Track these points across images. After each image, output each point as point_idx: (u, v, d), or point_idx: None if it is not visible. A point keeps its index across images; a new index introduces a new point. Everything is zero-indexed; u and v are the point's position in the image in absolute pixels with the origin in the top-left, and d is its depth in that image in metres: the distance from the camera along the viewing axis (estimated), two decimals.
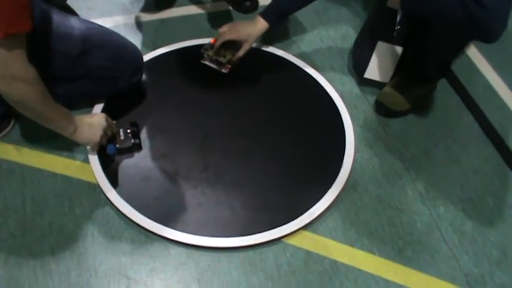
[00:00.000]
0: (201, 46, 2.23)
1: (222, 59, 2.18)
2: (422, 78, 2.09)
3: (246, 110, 2.08)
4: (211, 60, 2.22)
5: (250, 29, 2.13)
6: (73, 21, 1.81)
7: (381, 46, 2.11)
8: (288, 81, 2.21)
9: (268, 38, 2.35)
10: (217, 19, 2.48)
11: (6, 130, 1.92)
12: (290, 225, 1.73)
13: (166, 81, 2.16)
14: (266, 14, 2.12)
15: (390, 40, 2.10)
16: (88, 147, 1.85)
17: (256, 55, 2.28)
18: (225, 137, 1.98)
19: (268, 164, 1.91)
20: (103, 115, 1.79)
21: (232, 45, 2.18)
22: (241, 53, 2.15)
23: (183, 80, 2.17)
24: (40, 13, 1.68)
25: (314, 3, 2.08)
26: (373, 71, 2.17)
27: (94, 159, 1.85)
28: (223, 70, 2.20)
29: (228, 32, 2.14)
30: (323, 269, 1.66)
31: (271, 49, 2.34)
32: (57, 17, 1.76)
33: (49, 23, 1.73)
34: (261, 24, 2.12)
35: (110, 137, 1.84)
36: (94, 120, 1.75)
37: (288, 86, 2.19)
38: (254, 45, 2.19)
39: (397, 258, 1.71)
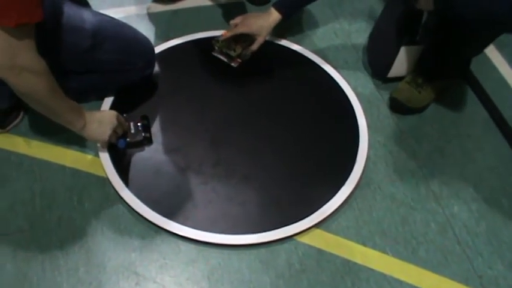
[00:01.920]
0: (213, 38, 2.20)
1: (232, 53, 2.16)
2: (440, 75, 2.06)
3: (258, 104, 2.06)
4: (221, 53, 2.20)
5: (263, 22, 2.09)
6: (85, 14, 1.79)
7: (404, 50, 2.07)
8: (301, 76, 2.19)
9: (280, 31, 2.32)
10: (230, 11, 2.45)
11: (15, 122, 1.91)
12: (302, 222, 1.71)
13: (177, 73, 2.14)
14: (279, 5, 2.09)
15: (411, 41, 2.07)
16: (98, 144, 1.83)
17: (268, 48, 2.25)
18: (236, 132, 1.95)
19: (281, 160, 1.88)
20: (114, 113, 1.76)
21: (244, 38, 2.15)
22: (254, 46, 2.12)
23: (195, 73, 2.15)
24: (51, 4, 1.65)
25: None
26: (395, 71, 2.13)
27: (104, 153, 1.83)
28: (233, 64, 2.18)
29: (239, 25, 2.12)
30: (335, 268, 1.64)
31: (284, 43, 2.31)
32: (68, 9, 1.74)
33: (60, 14, 1.71)
34: (273, 16, 2.09)
35: (119, 135, 1.82)
36: (104, 118, 1.73)
37: (301, 81, 2.17)
38: (267, 38, 2.17)
39: (410, 259, 1.69)
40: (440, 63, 2.02)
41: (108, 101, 1.99)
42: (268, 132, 1.96)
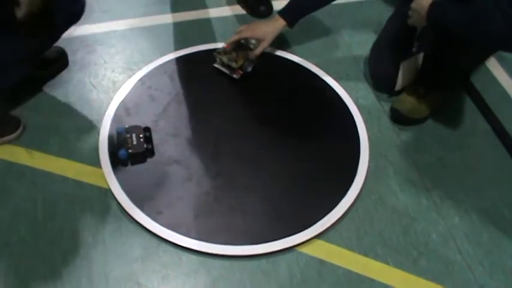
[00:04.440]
0: (214, 50, 2.21)
1: (233, 64, 2.16)
2: (440, 86, 2.06)
3: (259, 116, 2.06)
4: (223, 65, 2.20)
5: (267, 28, 2.12)
6: None
7: (404, 65, 2.08)
8: (302, 87, 2.20)
9: (281, 43, 2.33)
10: (232, 23, 2.47)
11: (12, 136, 1.91)
12: (304, 233, 1.71)
13: (179, 85, 2.15)
14: (284, 12, 2.11)
15: (409, 54, 2.08)
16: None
17: (269, 60, 2.27)
18: (238, 143, 1.96)
19: (282, 171, 1.89)
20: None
21: (245, 51, 2.16)
22: (258, 51, 2.13)
23: (197, 85, 2.16)
24: None
25: (329, 8, 2.07)
26: (398, 86, 2.15)
27: (106, 164, 1.84)
28: (234, 75, 2.18)
29: (244, 30, 2.14)
30: (336, 278, 1.64)
31: (285, 54, 2.33)
32: None
33: None
34: (278, 23, 2.11)
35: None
36: None
37: (302, 92, 2.18)
38: (267, 49, 2.18)
39: (411, 269, 1.69)
40: (439, 75, 2.03)
41: (109, 115, 2.00)
42: (269, 143, 1.97)
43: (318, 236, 1.73)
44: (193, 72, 2.22)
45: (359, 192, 1.85)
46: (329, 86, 2.20)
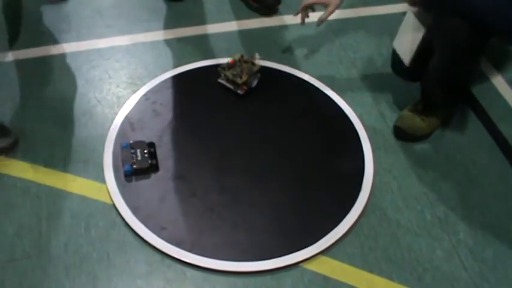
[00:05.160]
0: (219, 66, 2.22)
1: (238, 80, 2.16)
2: (437, 104, 2.06)
3: (264, 131, 2.07)
4: (227, 80, 2.21)
5: None
6: None
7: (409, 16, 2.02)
8: (307, 103, 2.20)
9: (285, 58, 2.34)
10: (236, 39, 2.47)
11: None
12: (308, 249, 1.71)
13: (184, 100, 2.16)
14: None
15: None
16: None
17: (274, 76, 2.27)
18: (242, 159, 1.96)
19: (286, 187, 1.89)
20: None
21: (250, 66, 2.17)
22: (325, 15, 2.09)
23: (201, 100, 2.16)
24: None
25: (332, 23, 2.06)
26: (407, 60, 2.06)
27: (110, 180, 1.84)
28: (239, 91, 2.19)
29: None
30: None
31: (289, 70, 2.33)
32: None
33: None
34: None
35: None
36: None
37: (306, 108, 2.18)
38: (270, 65, 2.17)
39: (416, 285, 1.68)
40: (435, 95, 2.02)
41: (113, 130, 2.01)
42: (273, 159, 1.97)
43: (322, 252, 1.72)
44: (198, 87, 2.22)
45: (363, 208, 1.84)
46: (333, 101, 2.20)
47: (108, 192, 1.82)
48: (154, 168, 1.89)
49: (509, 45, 1.80)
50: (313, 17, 2.17)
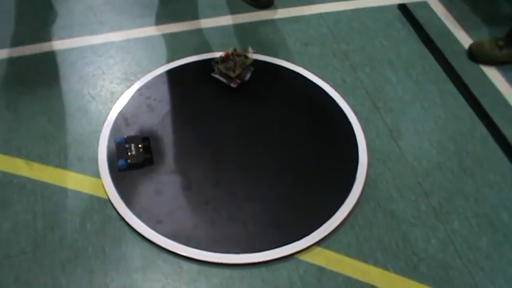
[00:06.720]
0: (212, 60, 2.22)
1: (231, 74, 2.17)
2: None
3: (258, 124, 2.07)
4: (220, 74, 2.21)
5: None
6: None
7: None
8: (300, 95, 2.20)
9: (279, 51, 2.34)
10: (228, 33, 2.48)
11: None
12: (303, 241, 1.71)
13: (178, 95, 2.16)
14: None
15: None
16: None
17: (267, 69, 2.28)
18: (236, 152, 1.97)
19: (281, 179, 1.89)
20: None
21: (243, 59, 2.17)
22: None
23: (195, 94, 2.17)
24: None
25: (325, 16, 2.06)
26: None
27: (105, 174, 1.85)
28: (232, 84, 2.19)
29: None
30: (336, 285, 1.64)
31: (282, 63, 2.33)
32: None
33: None
34: None
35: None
36: None
37: (299, 100, 2.18)
38: (263, 58, 2.17)
39: (411, 275, 1.69)
40: None
41: (107, 126, 2.01)
42: (268, 152, 1.97)
43: (317, 243, 1.73)
44: (191, 81, 2.22)
45: (358, 199, 1.85)
46: (326, 93, 2.21)
47: (103, 187, 1.82)
48: (149, 162, 1.89)
49: None
50: (305, 10, 2.17)
